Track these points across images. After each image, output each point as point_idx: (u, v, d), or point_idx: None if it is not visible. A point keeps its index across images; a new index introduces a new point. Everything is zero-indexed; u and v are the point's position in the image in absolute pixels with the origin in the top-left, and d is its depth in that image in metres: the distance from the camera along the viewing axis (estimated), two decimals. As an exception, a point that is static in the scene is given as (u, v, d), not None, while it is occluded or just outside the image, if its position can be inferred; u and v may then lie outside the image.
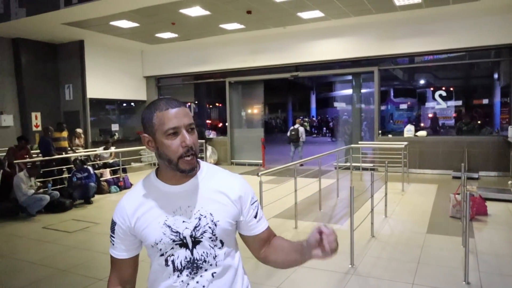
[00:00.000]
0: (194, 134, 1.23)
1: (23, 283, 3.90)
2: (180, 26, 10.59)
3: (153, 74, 14.08)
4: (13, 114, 11.46)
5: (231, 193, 1.28)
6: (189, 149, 1.20)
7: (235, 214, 1.28)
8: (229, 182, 1.31)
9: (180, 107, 1.22)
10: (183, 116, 1.20)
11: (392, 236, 4.99)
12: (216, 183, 1.29)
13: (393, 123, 12.89)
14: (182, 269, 1.24)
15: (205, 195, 1.26)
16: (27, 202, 6.55)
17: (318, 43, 11.13)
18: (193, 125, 1.23)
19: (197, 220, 1.23)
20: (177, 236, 1.23)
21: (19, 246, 5.16)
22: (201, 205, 1.24)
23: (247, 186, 1.34)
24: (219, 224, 1.25)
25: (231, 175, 1.35)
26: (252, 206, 1.33)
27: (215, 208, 1.25)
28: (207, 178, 1.29)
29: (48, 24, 9.98)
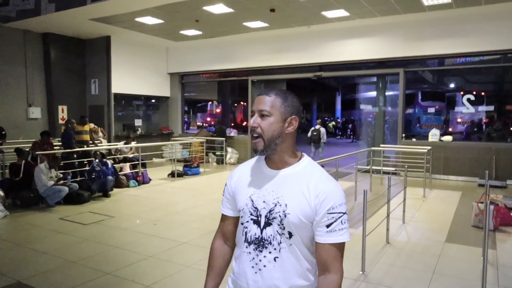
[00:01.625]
0: (264, 120, 1.36)
1: (33, 272, 3.96)
2: (204, 23, 10.61)
3: (177, 71, 14.20)
4: (41, 107, 11.80)
5: (313, 193, 1.32)
6: (251, 130, 1.38)
7: (309, 214, 1.31)
8: (318, 182, 1.34)
9: (264, 94, 1.39)
10: (261, 103, 1.38)
11: (408, 244, 4.80)
12: (306, 179, 1.35)
13: (420, 126, 12.51)
14: (251, 242, 1.39)
15: (290, 186, 1.35)
16: (46, 192, 6.70)
17: (342, 43, 10.92)
18: (266, 111, 1.35)
19: (273, 205, 1.35)
20: (255, 211, 1.39)
21: (35, 236, 5.27)
22: (282, 194, 1.35)
23: (334, 193, 1.32)
24: (289, 216, 1.32)
25: (325, 177, 1.37)
26: (329, 215, 1.31)
27: (292, 201, 1.33)
28: (301, 171, 1.38)
29: (76, 19, 10.21)
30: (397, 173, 9.82)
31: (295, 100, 1.40)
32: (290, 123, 1.37)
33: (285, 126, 1.36)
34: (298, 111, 1.40)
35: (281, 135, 1.35)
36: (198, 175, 10.49)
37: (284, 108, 1.36)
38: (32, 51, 11.57)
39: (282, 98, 1.36)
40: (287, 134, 1.37)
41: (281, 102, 1.36)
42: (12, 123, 10.72)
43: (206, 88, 16.86)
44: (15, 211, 6.48)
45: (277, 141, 1.35)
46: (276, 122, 1.34)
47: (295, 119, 1.38)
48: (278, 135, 1.35)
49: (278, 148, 1.37)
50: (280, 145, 1.36)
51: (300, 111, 1.42)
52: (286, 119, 1.36)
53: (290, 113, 1.37)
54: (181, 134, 14.34)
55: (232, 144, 13.00)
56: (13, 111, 11.06)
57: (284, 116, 1.36)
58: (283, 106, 1.36)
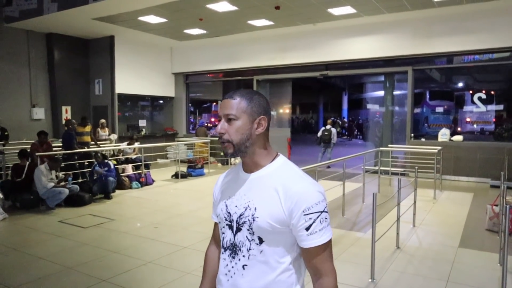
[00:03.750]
0: (231, 124, 1.29)
1: (27, 279, 3.80)
2: (208, 22, 10.45)
3: (182, 71, 14.05)
4: (45, 108, 11.71)
5: (284, 195, 1.24)
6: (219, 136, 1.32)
7: (281, 217, 1.23)
8: (290, 182, 1.26)
9: (228, 98, 1.32)
10: (226, 107, 1.31)
11: (420, 249, 4.57)
12: (278, 180, 1.28)
13: (428, 126, 12.26)
14: (226, 248, 1.35)
15: (261, 188, 1.29)
16: (46, 194, 6.57)
17: (349, 41, 10.69)
18: (233, 116, 1.28)
19: (244, 209, 1.30)
20: (228, 216, 1.35)
21: (32, 240, 5.12)
22: (252, 197, 1.30)
23: (308, 193, 1.23)
24: (257, 221, 1.26)
25: (298, 176, 1.29)
26: (306, 216, 1.21)
27: (262, 204, 1.27)
28: (273, 172, 1.31)
29: (79, 19, 10.10)
30: (405, 174, 9.57)
31: (262, 100, 1.34)
32: (259, 123, 1.31)
33: (254, 127, 1.30)
34: (266, 110, 1.34)
35: (250, 138, 1.30)
36: (202, 176, 10.32)
37: (251, 109, 1.29)
38: (35, 52, 11.49)
39: (247, 99, 1.30)
40: (257, 136, 1.31)
41: (247, 103, 1.29)
42: (15, 124, 10.64)
43: (211, 88, 16.70)
44: (14, 214, 6.35)
45: (246, 144, 1.30)
46: (244, 125, 1.29)
47: (264, 119, 1.32)
48: (247, 138, 1.29)
49: (249, 150, 1.31)
50: (250, 147, 1.31)
51: (269, 110, 1.35)
52: (254, 120, 1.30)
53: (258, 113, 1.31)
54: (185, 135, 14.19)
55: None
56: (17, 112, 10.98)
57: (252, 118, 1.30)
58: (250, 107, 1.29)
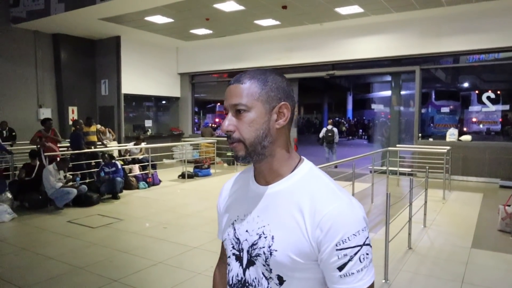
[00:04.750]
0: (242, 118, 0.95)
1: (38, 279, 3.79)
2: (215, 22, 10.43)
3: (188, 71, 14.05)
4: (51, 108, 11.75)
5: (311, 219, 0.90)
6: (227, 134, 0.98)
7: (306, 251, 0.90)
8: (319, 202, 0.91)
9: (235, 82, 0.98)
10: (232, 95, 0.97)
11: (432, 249, 4.52)
12: (302, 198, 0.93)
13: (433, 126, 12.18)
14: (232, 285, 1.04)
15: (281, 208, 0.95)
16: (55, 195, 6.57)
17: (356, 41, 10.64)
18: (242, 106, 0.95)
19: (257, 237, 0.97)
20: (237, 244, 1.02)
21: (41, 240, 5.12)
22: (269, 220, 0.96)
23: (344, 218, 0.89)
24: (275, 254, 0.92)
25: (333, 194, 0.93)
26: (340, 252, 0.87)
27: (281, 232, 0.93)
28: (296, 186, 0.96)
29: (86, 19, 10.11)
30: (413, 174, 9.51)
31: (281, 80, 0.98)
32: (279, 113, 0.96)
33: (273, 119, 0.96)
34: (287, 94, 0.98)
35: (269, 133, 0.95)
36: (208, 176, 10.30)
37: (267, 94, 0.95)
38: (42, 52, 11.53)
39: (260, 81, 0.95)
40: (278, 130, 0.97)
41: (260, 87, 0.95)
42: (22, 124, 10.65)
43: (216, 89, 16.68)
44: (23, 214, 6.35)
45: (264, 143, 0.95)
46: (259, 117, 0.94)
47: (286, 106, 0.96)
48: (264, 135, 0.95)
49: (267, 151, 0.96)
50: (269, 147, 0.96)
51: (291, 94, 0.99)
52: (273, 109, 0.96)
53: (278, 99, 0.96)
54: (191, 135, 14.18)
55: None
56: (24, 112, 11.02)
57: (270, 106, 0.95)
58: (265, 92, 0.95)
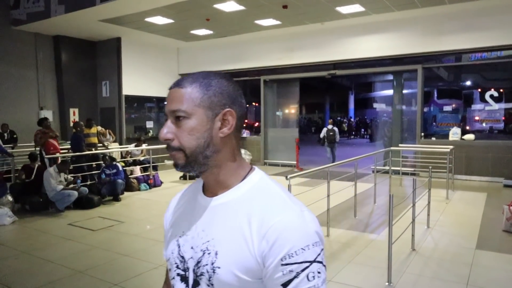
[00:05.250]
0: (181, 125, 0.87)
1: (38, 283, 3.75)
2: (215, 22, 10.39)
3: (188, 72, 14.00)
4: (53, 110, 11.74)
5: (257, 231, 0.82)
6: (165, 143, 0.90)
7: (251, 266, 0.82)
8: (268, 213, 0.83)
9: (175, 86, 0.89)
10: (172, 100, 0.89)
11: (436, 251, 4.47)
12: (250, 209, 0.85)
13: (436, 125, 12.13)
14: None
15: (228, 221, 0.87)
16: (56, 197, 6.54)
17: (357, 40, 10.58)
18: (181, 112, 0.86)
19: (202, 253, 0.88)
20: (182, 263, 0.92)
21: (42, 243, 5.09)
22: (214, 235, 0.87)
23: (292, 230, 0.80)
24: (218, 272, 0.84)
25: (283, 204, 0.85)
26: (285, 267, 0.78)
27: (226, 247, 0.85)
28: (244, 197, 0.88)
29: (86, 21, 10.10)
30: (416, 173, 9.45)
31: (226, 84, 0.90)
32: (224, 120, 0.88)
33: (217, 126, 0.88)
34: (233, 100, 0.90)
35: (211, 143, 0.88)
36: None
37: (209, 100, 0.87)
38: (43, 54, 11.52)
39: (203, 85, 0.87)
40: (222, 140, 0.89)
41: (202, 92, 0.87)
42: (24, 126, 10.64)
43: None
44: (24, 216, 6.33)
45: (206, 152, 0.87)
46: (200, 125, 0.87)
47: (231, 112, 0.88)
48: (207, 144, 0.87)
49: (210, 162, 0.89)
50: (213, 157, 0.88)
51: (239, 99, 0.91)
52: (216, 116, 0.88)
53: (221, 105, 0.88)
54: (193, 136, 14.14)
55: (245, 146, 12.75)
56: (25, 114, 11.00)
57: (212, 112, 0.87)
58: (207, 97, 0.87)
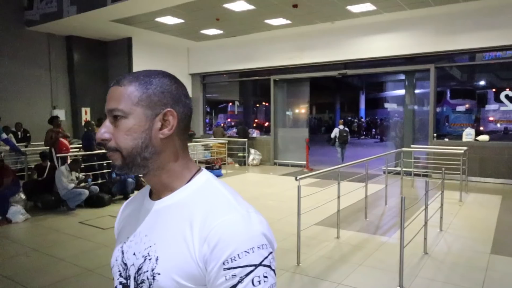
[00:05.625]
0: (118, 125, 0.84)
1: (49, 281, 3.78)
2: (225, 22, 10.39)
3: (198, 72, 14.05)
4: (65, 109, 11.87)
5: (199, 234, 0.77)
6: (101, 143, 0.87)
7: (193, 271, 0.77)
8: (210, 215, 0.79)
9: (115, 84, 0.86)
10: (110, 98, 0.85)
11: (449, 255, 4.38)
12: (193, 212, 0.81)
13: (448, 126, 11.96)
14: None
15: (170, 224, 0.83)
16: (67, 196, 6.60)
17: (368, 39, 10.47)
18: (118, 111, 0.83)
19: (143, 259, 0.83)
20: (124, 270, 0.88)
21: (53, 241, 5.13)
22: (156, 239, 0.83)
23: (234, 232, 0.76)
24: (158, 278, 0.79)
25: (227, 205, 0.81)
26: (227, 272, 0.74)
27: (166, 251, 0.81)
28: (187, 199, 0.84)
29: (98, 21, 10.18)
30: (428, 175, 9.31)
31: (168, 83, 0.86)
32: (164, 121, 0.84)
33: (156, 127, 0.84)
34: (176, 99, 0.86)
35: (150, 144, 0.84)
36: (220, 177, 10.25)
37: (148, 99, 0.83)
38: (56, 54, 11.66)
39: (142, 84, 0.84)
40: (162, 141, 0.85)
41: (141, 91, 0.83)
42: (37, 125, 10.76)
43: (227, 88, 16.68)
44: (36, 214, 6.40)
45: (144, 154, 0.84)
46: (138, 125, 0.83)
47: (171, 113, 0.84)
48: (144, 145, 0.83)
49: (151, 164, 0.85)
50: (153, 158, 0.85)
51: (182, 98, 0.87)
52: (155, 117, 0.84)
53: (162, 104, 0.84)
54: (203, 135, 14.18)
55: (255, 145, 12.73)
56: (38, 113, 11.14)
57: (152, 112, 0.84)
58: (146, 96, 0.83)
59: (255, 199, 7.40)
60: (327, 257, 4.32)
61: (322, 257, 4.31)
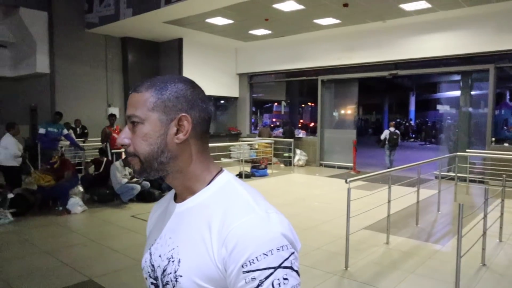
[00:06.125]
0: (136, 131, 0.86)
1: (105, 271, 3.99)
2: (274, 22, 10.41)
3: (246, 72, 14.18)
4: (119, 107, 12.44)
5: (218, 236, 0.78)
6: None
7: (213, 274, 0.78)
8: (230, 216, 0.79)
9: (133, 91, 0.90)
10: (129, 105, 0.89)
11: (510, 267, 4.11)
12: (215, 212, 0.82)
13: (507, 129, 11.26)
14: None
15: (192, 227, 0.84)
16: (120, 190, 6.92)
17: (421, 38, 10.07)
18: (135, 117, 0.86)
19: (167, 261, 0.85)
20: (152, 271, 0.90)
21: (108, 233, 5.41)
22: (179, 242, 0.85)
23: (254, 235, 0.75)
24: (180, 281, 0.81)
25: (247, 206, 0.81)
26: (247, 274, 0.74)
27: (188, 253, 0.82)
28: (207, 201, 0.85)
29: (151, 22, 10.57)
30: (485, 181, 8.80)
31: (182, 88, 0.87)
32: (179, 125, 0.85)
33: (172, 133, 0.85)
34: (191, 104, 0.87)
35: (166, 149, 0.85)
36: (265, 176, 10.30)
37: (163, 104, 0.85)
38: (112, 55, 12.25)
39: (157, 89, 0.86)
40: (179, 145, 0.86)
41: (156, 96, 0.85)
42: (93, 122, 11.38)
43: (273, 88, 16.71)
44: (92, 206, 6.76)
45: (162, 159, 0.85)
46: (153, 131, 0.85)
47: (186, 118, 0.85)
48: (160, 150, 0.85)
49: (169, 168, 0.87)
50: (170, 163, 0.86)
51: (198, 103, 0.87)
52: (171, 121, 0.85)
53: (176, 109, 0.85)
54: (248, 135, 14.30)
55: (301, 146, 12.66)
56: (95, 111, 11.78)
57: (168, 117, 0.85)
58: (161, 102, 0.85)
59: (301, 200, 7.36)
60: (376, 263, 4.21)
61: (371, 263, 4.21)
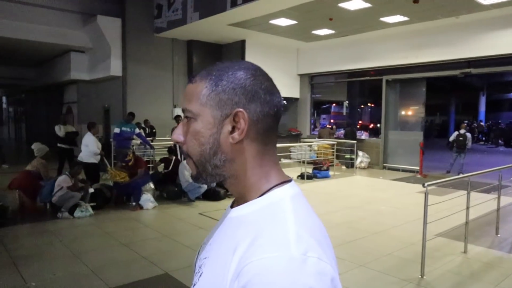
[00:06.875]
0: (189, 124, 0.74)
1: (179, 265, 4.17)
2: (338, 21, 10.24)
3: (307, 72, 14.09)
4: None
5: (236, 264, 0.64)
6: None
7: None
8: (260, 243, 0.64)
9: (189, 82, 0.76)
10: (184, 97, 0.76)
11: None
12: (248, 233, 0.67)
13: None
14: None
15: (224, 240, 0.73)
16: (188, 188, 7.18)
17: (497, 34, 9.36)
18: (188, 112, 0.73)
19: (197, 270, 0.77)
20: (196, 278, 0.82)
21: (179, 229, 5.64)
22: (211, 252, 0.75)
23: (272, 278, 0.58)
24: None
25: (284, 237, 0.64)
26: None
27: (211, 270, 0.71)
28: (253, 216, 0.70)
29: (216, 25, 10.86)
30: None
31: (241, 77, 0.71)
32: (235, 122, 0.71)
33: (225, 131, 0.71)
34: (251, 96, 0.71)
35: (219, 150, 0.72)
36: (327, 178, 10.17)
37: (218, 98, 0.71)
38: (178, 58, 12.78)
39: (213, 79, 0.72)
40: (234, 146, 0.72)
41: (210, 88, 0.71)
42: (160, 122, 11.94)
43: (334, 89, 16.43)
44: (162, 203, 7.09)
45: (215, 161, 0.72)
46: (205, 128, 0.72)
47: (242, 114, 0.70)
48: (213, 152, 0.72)
49: (225, 172, 0.74)
50: (226, 166, 0.73)
51: (259, 95, 0.71)
52: (226, 117, 0.71)
53: (233, 103, 0.71)
54: (309, 136, 14.19)
55: (362, 148, 12.33)
56: (161, 111, 12.36)
57: (222, 112, 0.71)
58: (215, 94, 0.71)
59: (367, 204, 7.17)
60: (455, 273, 3.99)
61: (449, 272, 4.00)
